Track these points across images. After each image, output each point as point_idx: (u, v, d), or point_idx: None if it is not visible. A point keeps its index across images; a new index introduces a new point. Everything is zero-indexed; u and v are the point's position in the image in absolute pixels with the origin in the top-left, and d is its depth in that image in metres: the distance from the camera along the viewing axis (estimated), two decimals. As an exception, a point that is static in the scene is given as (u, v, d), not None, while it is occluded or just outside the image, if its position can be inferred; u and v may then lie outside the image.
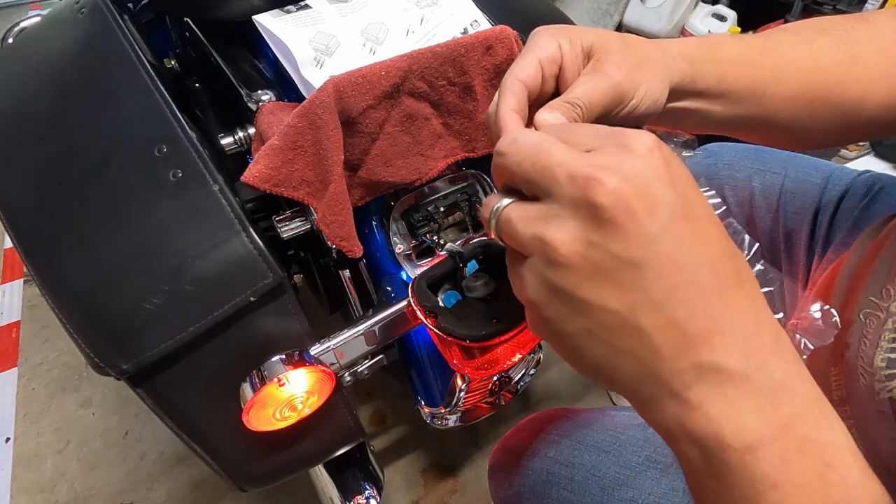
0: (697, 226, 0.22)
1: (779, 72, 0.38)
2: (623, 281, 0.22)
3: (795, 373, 0.23)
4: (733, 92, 0.38)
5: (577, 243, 0.22)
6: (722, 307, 0.22)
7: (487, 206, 0.26)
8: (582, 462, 0.53)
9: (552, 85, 0.34)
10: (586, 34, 0.34)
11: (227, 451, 0.53)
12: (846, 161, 1.59)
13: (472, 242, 0.49)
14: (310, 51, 0.54)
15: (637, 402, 0.24)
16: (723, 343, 0.22)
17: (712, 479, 0.23)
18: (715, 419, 0.22)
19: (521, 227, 0.24)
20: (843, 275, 0.45)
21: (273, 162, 0.48)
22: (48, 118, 0.53)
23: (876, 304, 0.39)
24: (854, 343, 0.40)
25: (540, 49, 0.33)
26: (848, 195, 0.58)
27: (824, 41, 0.39)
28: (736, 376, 0.22)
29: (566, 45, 0.33)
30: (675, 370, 0.22)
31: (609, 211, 0.21)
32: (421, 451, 1.07)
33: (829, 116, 0.40)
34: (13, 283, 1.51)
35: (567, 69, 0.34)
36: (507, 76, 0.33)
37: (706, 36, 0.39)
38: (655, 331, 0.22)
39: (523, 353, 0.46)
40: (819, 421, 0.22)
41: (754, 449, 0.21)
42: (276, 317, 0.48)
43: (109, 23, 0.59)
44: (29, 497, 1.05)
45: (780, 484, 0.21)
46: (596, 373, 0.25)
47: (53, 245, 0.45)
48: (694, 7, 2.01)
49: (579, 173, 0.22)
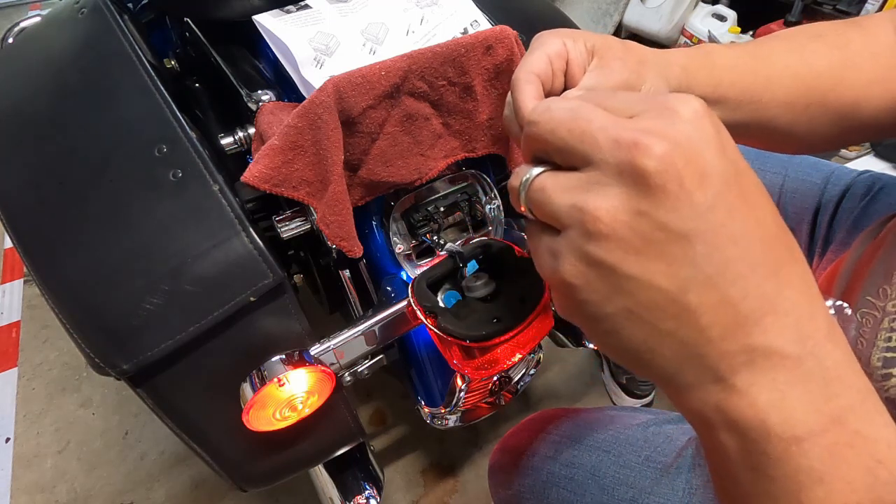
0: (750, 198, 0.21)
1: (773, 78, 0.38)
2: (673, 254, 0.20)
3: (849, 362, 0.21)
4: (730, 98, 0.38)
5: (622, 212, 0.20)
6: (776, 286, 0.20)
7: (517, 176, 0.24)
8: (582, 462, 0.53)
9: (561, 80, 0.34)
10: (588, 36, 0.34)
11: (227, 451, 0.53)
12: (846, 161, 1.59)
13: (472, 242, 0.49)
14: (310, 51, 0.54)
15: (672, 389, 0.23)
16: (776, 324, 0.20)
17: (750, 472, 0.21)
18: (762, 407, 0.20)
19: (556, 196, 0.22)
20: (842, 275, 0.45)
21: (273, 162, 0.48)
22: (48, 118, 0.53)
23: (873, 303, 0.39)
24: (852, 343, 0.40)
25: (546, 46, 0.33)
26: (848, 195, 0.58)
27: (817, 46, 0.39)
28: (788, 361, 0.20)
29: (570, 43, 0.33)
30: (723, 353, 0.21)
31: (657, 178, 0.19)
32: (421, 451, 1.07)
33: (825, 120, 0.40)
34: (13, 283, 1.51)
35: (573, 65, 0.33)
36: (518, 72, 0.32)
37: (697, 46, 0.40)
38: (705, 310, 0.20)
39: (523, 353, 0.46)
40: (872, 416, 0.21)
41: (801, 440, 0.20)
42: (276, 317, 0.48)
43: (109, 23, 0.59)
44: (29, 497, 1.05)
45: (826, 479, 0.20)
46: (631, 357, 0.23)
47: (53, 245, 0.45)
48: (694, 7, 2.01)
49: (624, 138, 0.20)
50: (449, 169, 0.59)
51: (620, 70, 0.33)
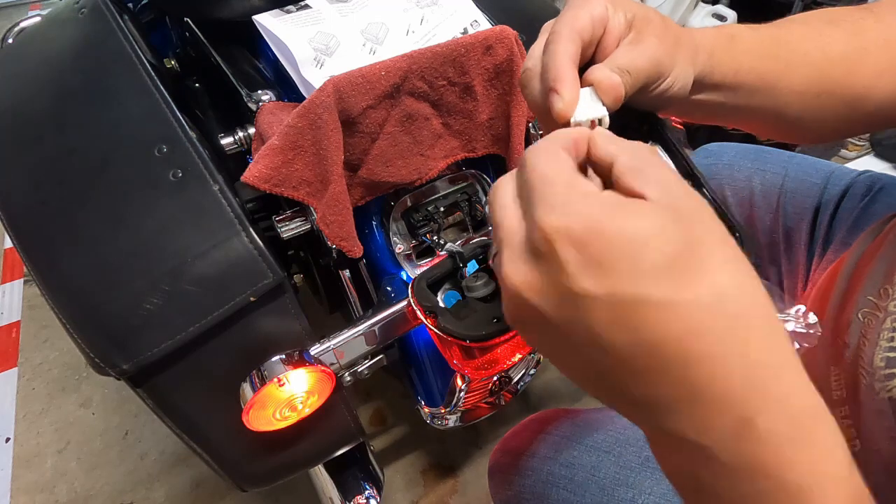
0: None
1: (791, 64, 0.38)
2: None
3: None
4: (747, 83, 0.37)
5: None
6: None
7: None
8: (582, 462, 0.53)
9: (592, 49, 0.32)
10: (630, 6, 0.32)
11: (227, 451, 0.53)
12: (846, 161, 1.59)
13: (472, 242, 0.49)
14: (310, 51, 0.54)
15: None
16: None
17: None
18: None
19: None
20: (843, 275, 0.45)
21: (273, 162, 0.48)
22: (48, 118, 0.53)
23: (874, 303, 0.39)
24: (853, 343, 0.40)
25: (592, 7, 0.31)
26: (848, 195, 0.58)
27: (833, 32, 0.39)
28: None
29: (612, 10, 0.32)
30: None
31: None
32: (421, 451, 1.07)
33: (834, 110, 0.40)
34: (13, 283, 1.51)
35: (609, 35, 0.32)
36: (560, 25, 0.30)
37: (722, 27, 0.39)
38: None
39: (523, 353, 0.46)
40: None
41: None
42: (276, 317, 0.48)
43: (109, 23, 0.59)
44: (29, 497, 1.05)
45: None
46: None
47: (53, 245, 0.45)
48: (694, 7, 2.01)
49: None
50: (449, 169, 0.59)
51: (655, 49, 0.31)
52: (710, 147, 0.72)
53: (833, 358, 0.42)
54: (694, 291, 0.20)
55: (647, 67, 0.31)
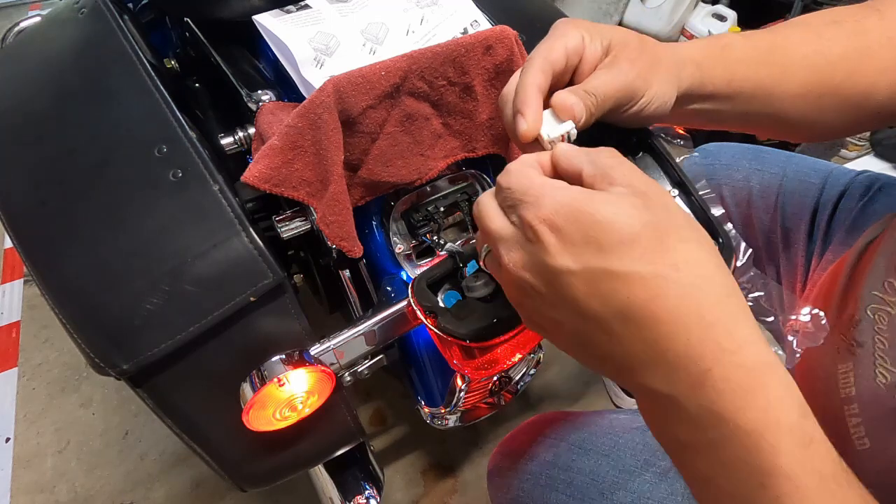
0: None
1: (788, 69, 0.38)
2: None
3: None
4: (743, 92, 0.38)
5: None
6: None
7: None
8: (581, 466, 0.53)
9: (569, 76, 0.35)
10: (607, 31, 0.35)
11: (227, 451, 0.53)
12: (846, 161, 1.59)
13: (472, 242, 0.49)
14: (310, 51, 0.54)
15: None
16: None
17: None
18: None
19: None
20: (844, 274, 0.45)
21: (273, 162, 0.48)
22: (48, 118, 0.53)
23: (881, 298, 0.39)
24: (867, 341, 0.39)
25: (567, 38, 0.34)
26: (846, 195, 0.58)
27: (834, 33, 0.39)
28: None
29: (588, 39, 0.34)
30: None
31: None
32: (421, 451, 1.07)
33: (837, 110, 0.40)
34: (13, 283, 1.51)
35: (585, 62, 0.34)
36: (535, 56, 0.33)
37: (715, 37, 0.39)
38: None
39: (523, 353, 0.46)
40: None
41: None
42: (276, 317, 0.48)
43: (109, 23, 0.59)
44: (29, 497, 1.05)
45: None
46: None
47: (53, 245, 0.45)
48: (694, 7, 2.01)
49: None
50: (449, 169, 0.59)
51: (627, 72, 0.34)
52: (709, 147, 0.72)
53: (841, 356, 0.42)
54: (654, 264, 0.24)
55: (616, 90, 0.34)
